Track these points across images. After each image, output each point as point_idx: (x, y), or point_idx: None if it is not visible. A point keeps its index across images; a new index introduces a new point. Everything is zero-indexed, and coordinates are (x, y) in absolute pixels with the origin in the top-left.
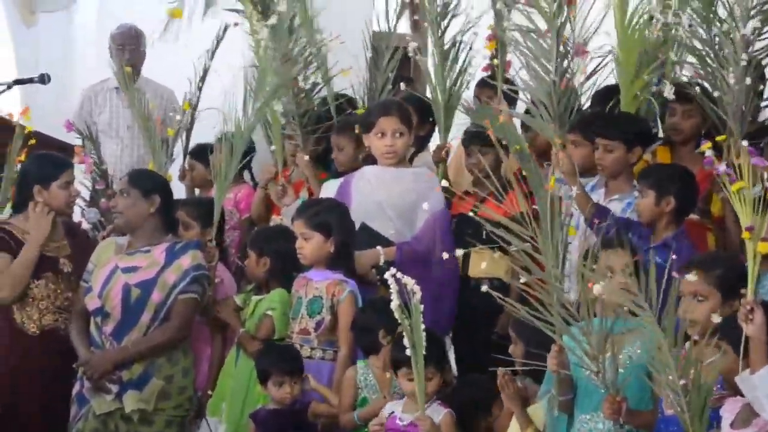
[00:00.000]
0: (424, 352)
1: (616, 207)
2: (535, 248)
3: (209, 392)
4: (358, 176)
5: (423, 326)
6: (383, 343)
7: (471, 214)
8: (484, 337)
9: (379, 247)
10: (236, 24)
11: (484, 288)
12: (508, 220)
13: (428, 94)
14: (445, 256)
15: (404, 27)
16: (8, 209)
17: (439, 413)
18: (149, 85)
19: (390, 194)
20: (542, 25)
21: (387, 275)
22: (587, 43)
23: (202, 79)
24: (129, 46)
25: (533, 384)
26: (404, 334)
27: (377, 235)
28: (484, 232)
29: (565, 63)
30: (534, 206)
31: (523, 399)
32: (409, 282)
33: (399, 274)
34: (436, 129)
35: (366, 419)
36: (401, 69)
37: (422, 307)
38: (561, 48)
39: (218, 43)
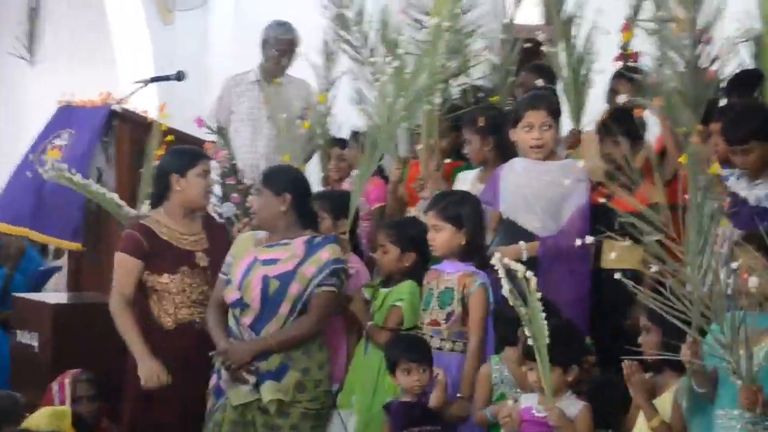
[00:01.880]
0: (547, 341)
1: (761, 190)
2: (670, 239)
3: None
4: (507, 168)
5: (542, 316)
6: (521, 338)
7: (605, 202)
8: (615, 327)
9: (521, 242)
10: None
11: (617, 275)
12: (644, 208)
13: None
14: (578, 242)
15: (537, 18)
16: (146, 204)
17: (575, 406)
18: (290, 80)
19: (537, 187)
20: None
21: (494, 260)
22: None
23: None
24: (288, 48)
25: (673, 374)
26: (522, 322)
27: (522, 230)
28: (616, 223)
29: (698, 50)
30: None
31: (650, 390)
32: (520, 269)
33: (507, 261)
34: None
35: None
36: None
37: (539, 295)
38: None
39: None
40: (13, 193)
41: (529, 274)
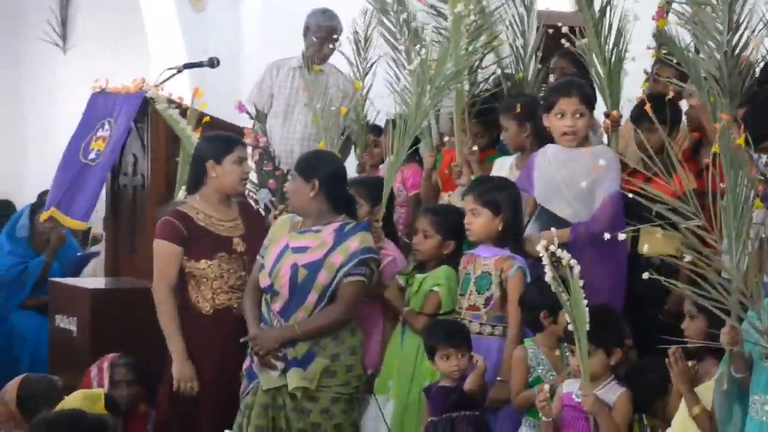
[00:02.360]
0: (588, 328)
1: None
2: (703, 227)
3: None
4: (540, 154)
5: (586, 302)
6: (545, 324)
7: (637, 191)
8: (653, 315)
9: (553, 229)
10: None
11: (646, 275)
12: (673, 199)
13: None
14: (606, 236)
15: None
16: (182, 191)
17: (615, 392)
18: (331, 69)
19: (568, 174)
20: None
21: (539, 247)
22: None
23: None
24: (332, 38)
25: (715, 361)
26: (564, 309)
27: (555, 216)
28: (653, 210)
29: (737, 36)
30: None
31: (692, 378)
32: (565, 257)
33: (554, 248)
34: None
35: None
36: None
37: (581, 282)
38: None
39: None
40: (56, 182)
41: (573, 261)
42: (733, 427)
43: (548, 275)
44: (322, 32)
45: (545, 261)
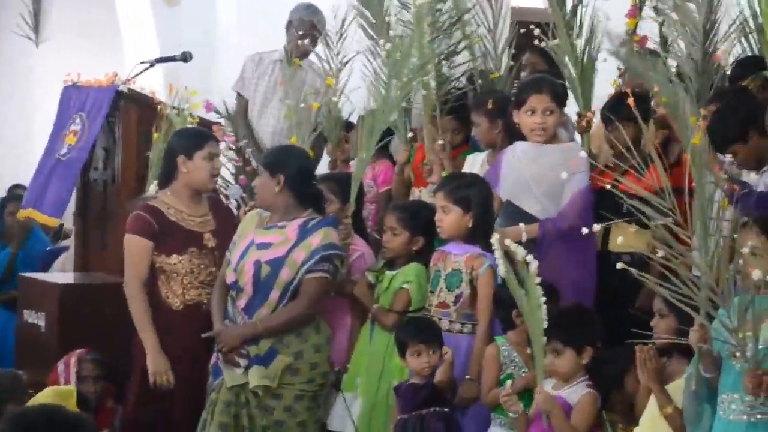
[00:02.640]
0: (544, 326)
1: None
2: (677, 223)
3: (347, 367)
4: (509, 151)
5: (544, 299)
6: (517, 322)
7: (610, 188)
8: (623, 311)
9: (521, 224)
10: None
11: (620, 265)
12: (649, 194)
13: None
14: (585, 231)
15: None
16: (154, 185)
17: (580, 392)
18: (311, 64)
19: (537, 170)
20: None
21: (493, 240)
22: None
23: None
24: (310, 31)
25: (682, 360)
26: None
27: (523, 212)
28: (624, 207)
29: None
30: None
31: (663, 376)
32: (521, 252)
33: (508, 243)
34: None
35: (518, 392)
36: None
37: (539, 279)
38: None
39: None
40: (33, 179)
41: (530, 257)
42: (701, 428)
43: (501, 269)
44: (304, 27)
45: (498, 255)
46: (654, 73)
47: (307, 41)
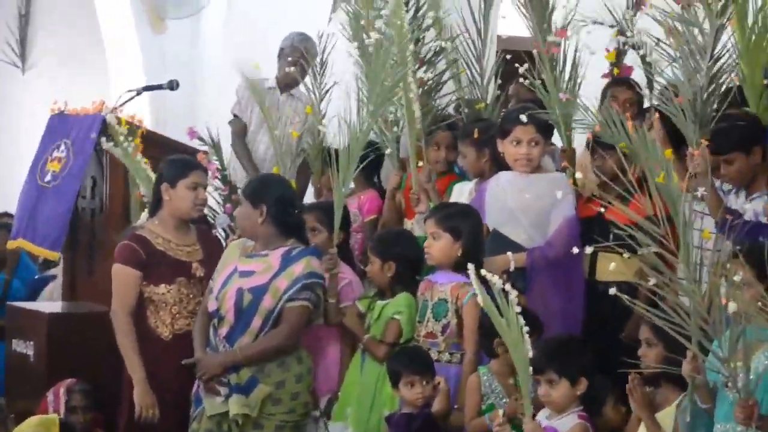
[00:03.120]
0: (529, 354)
1: (757, 205)
2: (666, 249)
3: (337, 395)
4: (493, 181)
5: (527, 328)
6: (499, 351)
7: (598, 215)
8: (611, 340)
9: (509, 253)
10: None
11: (613, 291)
12: (642, 219)
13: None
14: (575, 250)
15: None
16: (145, 214)
17: (570, 423)
18: (304, 96)
19: (523, 200)
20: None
21: (469, 269)
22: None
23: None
24: (296, 57)
25: (672, 388)
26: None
27: (509, 241)
28: (611, 235)
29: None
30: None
31: (652, 404)
32: (498, 282)
33: (485, 273)
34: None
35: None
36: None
37: (520, 308)
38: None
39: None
40: (19, 207)
41: (508, 287)
42: None
43: (479, 299)
44: (294, 54)
45: (475, 285)
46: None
47: (294, 69)
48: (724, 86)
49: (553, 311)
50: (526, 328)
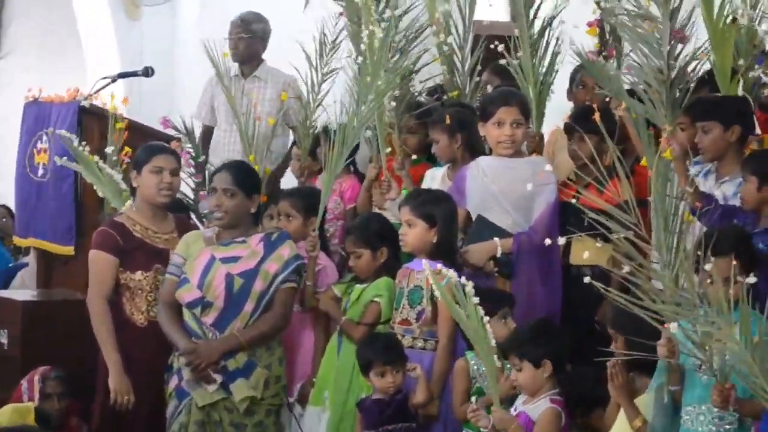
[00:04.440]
0: (492, 343)
1: (727, 189)
2: (639, 236)
3: (312, 381)
4: (473, 167)
5: (481, 319)
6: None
7: (572, 201)
8: (586, 325)
9: (496, 239)
10: (341, 14)
11: (587, 279)
12: (612, 207)
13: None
14: (548, 242)
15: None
16: (130, 202)
17: (542, 407)
18: (271, 73)
19: (505, 184)
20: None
21: (423, 265)
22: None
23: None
24: (236, 35)
25: (641, 376)
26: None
27: (494, 227)
28: (586, 220)
29: (677, 49)
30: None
31: (631, 390)
32: (452, 275)
33: (441, 266)
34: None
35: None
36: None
37: (476, 300)
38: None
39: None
40: (20, 205)
41: (463, 280)
42: None
43: (436, 292)
44: (231, 31)
45: (432, 279)
46: (612, 81)
47: (243, 47)
48: (698, 71)
49: (536, 297)
50: (486, 317)
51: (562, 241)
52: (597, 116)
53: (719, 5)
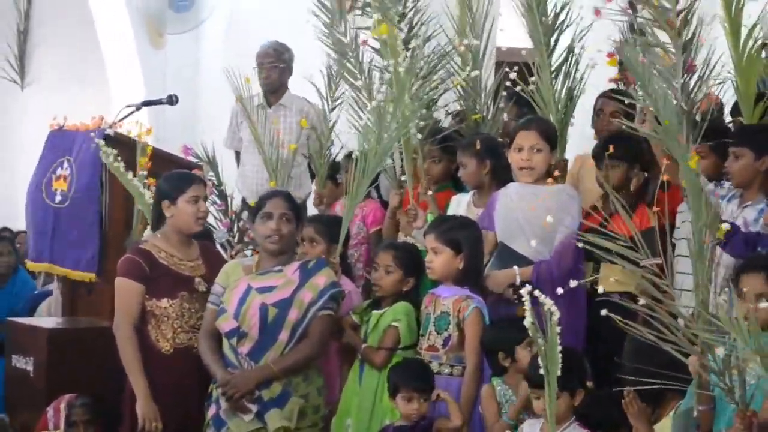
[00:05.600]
0: (559, 373)
1: (749, 213)
2: (659, 268)
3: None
4: (502, 192)
5: (559, 347)
6: (505, 365)
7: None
8: (610, 352)
9: (515, 267)
10: (365, 42)
11: (604, 312)
12: (639, 233)
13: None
14: (573, 283)
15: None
16: (148, 231)
17: None
18: (295, 101)
19: (529, 212)
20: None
21: (523, 292)
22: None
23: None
24: (269, 64)
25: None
26: (539, 354)
27: (516, 254)
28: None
29: (692, 81)
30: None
31: (648, 417)
32: (548, 303)
33: (537, 293)
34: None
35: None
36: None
37: (559, 328)
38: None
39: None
40: (34, 229)
41: (554, 308)
42: None
43: (527, 321)
44: (267, 60)
45: (527, 306)
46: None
47: (274, 76)
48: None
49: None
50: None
51: (573, 284)
52: (611, 149)
53: (747, 33)
